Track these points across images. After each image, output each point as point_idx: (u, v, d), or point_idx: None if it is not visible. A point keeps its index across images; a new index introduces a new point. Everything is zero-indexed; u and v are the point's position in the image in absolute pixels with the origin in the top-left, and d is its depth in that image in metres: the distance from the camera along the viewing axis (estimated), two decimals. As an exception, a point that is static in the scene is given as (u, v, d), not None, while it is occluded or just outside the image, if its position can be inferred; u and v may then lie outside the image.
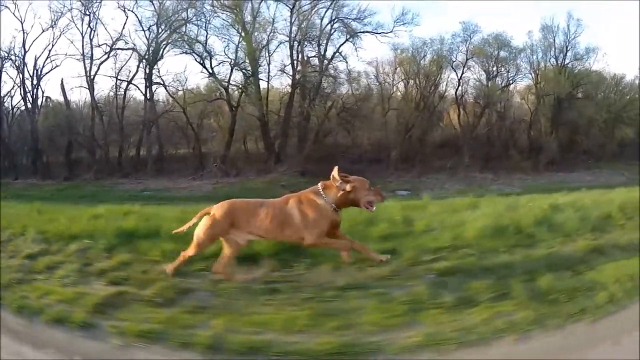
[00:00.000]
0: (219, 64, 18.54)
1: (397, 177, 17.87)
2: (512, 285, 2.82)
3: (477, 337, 2.38)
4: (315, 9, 18.98)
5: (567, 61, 20.17)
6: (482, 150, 19.29)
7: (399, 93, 19.90)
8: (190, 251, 3.06)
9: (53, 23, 18.66)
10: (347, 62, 19.19)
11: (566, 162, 20.27)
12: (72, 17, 18.60)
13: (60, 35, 18.87)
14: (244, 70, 18.40)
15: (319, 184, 3.10)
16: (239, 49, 18.42)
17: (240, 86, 18.48)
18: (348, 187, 3.00)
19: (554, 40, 19.98)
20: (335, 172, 3.05)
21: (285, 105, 18.81)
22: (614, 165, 20.54)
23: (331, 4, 18.60)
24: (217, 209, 3.08)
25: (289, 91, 18.89)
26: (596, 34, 32.47)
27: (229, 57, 18.46)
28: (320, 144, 18.42)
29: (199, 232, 3.05)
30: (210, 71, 18.48)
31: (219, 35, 18.71)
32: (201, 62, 18.39)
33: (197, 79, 25.48)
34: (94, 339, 2.46)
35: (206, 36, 18.65)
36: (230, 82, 18.52)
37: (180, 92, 19.31)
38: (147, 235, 3.64)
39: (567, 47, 19.90)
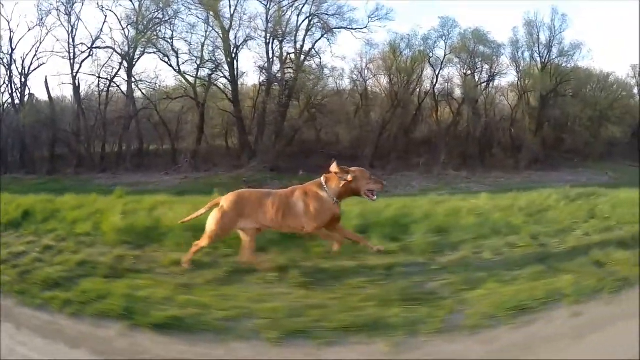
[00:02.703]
0: (186, 61, 18.74)
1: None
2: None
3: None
4: (294, 5, 18.99)
5: (552, 57, 19.62)
6: (459, 148, 18.93)
7: (370, 89, 19.72)
8: (203, 242, 3.11)
9: (39, 22, 19.25)
10: (320, 58, 19.15)
11: (550, 161, 19.70)
12: (58, 15, 19.18)
13: (47, 34, 19.48)
14: (217, 67, 18.54)
15: (322, 177, 3.15)
16: (213, 46, 18.58)
17: (207, 83, 18.60)
18: (349, 177, 3.03)
19: (539, 36, 19.46)
20: (334, 166, 3.09)
21: (259, 101, 18.85)
22: (601, 165, 19.89)
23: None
24: (225, 200, 3.13)
25: (264, 87, 18.92)
26: (583, 30, 31.52)
27: (194, 56, 18.63)
28: (294, 140, 18.41)
29: (210, 224, 3.10)
30: (178, 69, 18.69)
31: (193, 33, 18.89)
32: (167, 60, 18.63)
33: (171, 76, 25.42)
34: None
35: (172, 34, 18.84)
36: (201, 79, 18.68)
37: (157, 90, 19.59)
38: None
39: (551, 43, 19.33)
